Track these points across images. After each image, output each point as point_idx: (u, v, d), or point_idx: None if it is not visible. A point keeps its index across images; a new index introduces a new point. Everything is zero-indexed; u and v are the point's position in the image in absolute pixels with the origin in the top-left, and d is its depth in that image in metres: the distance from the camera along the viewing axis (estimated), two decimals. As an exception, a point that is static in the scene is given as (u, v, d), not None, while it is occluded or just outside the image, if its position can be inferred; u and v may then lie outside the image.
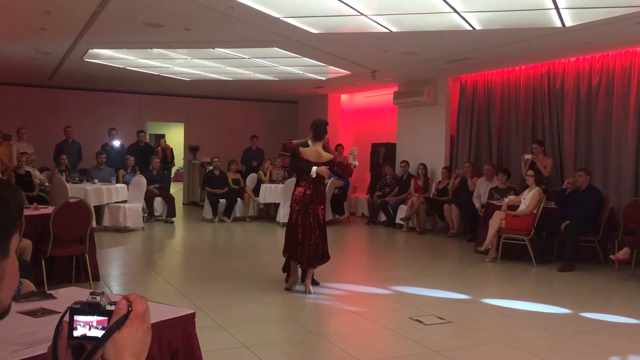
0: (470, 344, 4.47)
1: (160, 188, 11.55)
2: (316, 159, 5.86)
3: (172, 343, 2.12)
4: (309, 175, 5.80)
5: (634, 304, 5.87)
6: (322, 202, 5.90)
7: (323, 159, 5.89)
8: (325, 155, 5.95)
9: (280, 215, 11.13)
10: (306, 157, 5.86)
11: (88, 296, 1.05)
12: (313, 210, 5.79)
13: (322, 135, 5.95)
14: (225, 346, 4.23)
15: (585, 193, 7.72)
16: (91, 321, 1.01)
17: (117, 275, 6.92)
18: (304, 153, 5.89)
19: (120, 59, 10.37)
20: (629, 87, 8.23)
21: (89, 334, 1.01)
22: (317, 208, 5.82)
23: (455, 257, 8.78)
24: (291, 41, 8.23)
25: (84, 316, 1.01)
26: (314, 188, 5.85)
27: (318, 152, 5.90)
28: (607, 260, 7.45)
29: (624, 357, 4.23)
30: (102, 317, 1.01)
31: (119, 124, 13.53)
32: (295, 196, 5.90)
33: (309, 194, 5.82)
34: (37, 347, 1.86)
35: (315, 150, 5.91)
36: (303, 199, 5.82)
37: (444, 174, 10.75)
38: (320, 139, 5.94)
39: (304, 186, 5.88)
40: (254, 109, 16.11)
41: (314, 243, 5.77)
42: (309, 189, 5.84)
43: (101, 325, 1.00)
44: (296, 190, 5.94)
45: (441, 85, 11.26)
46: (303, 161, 5.86)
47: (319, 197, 5.86)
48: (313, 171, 5.76)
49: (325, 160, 5.89)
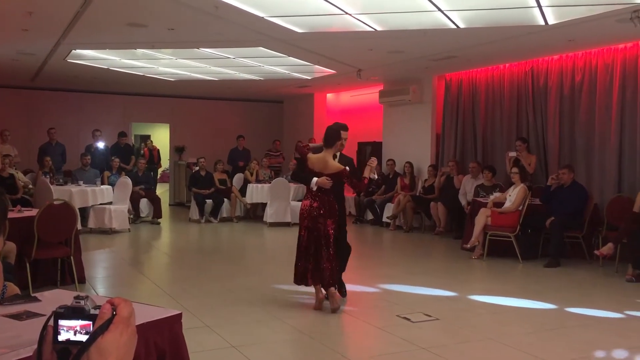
0: (458, 341, 4.49)
1: (146, 189, 11.49)
2: (321, 169, 5.20)
3: (159, 344, 2.11)
4: (310, 187, 5.23)
5: (618, 298, 5.93)
6: (332, 216, 5.19)
7: (330, 169, 5.18)
8: (334, 165, 5.21)
9: (267, 215, 11.11)
10: (311, 167, 5.26)
11: (72, 300, 1.04)
12: (322, 225, 5.12)
13: (333, 142, 5.22)
14: (213, 347, 4.21)
15: (570, 189, 7.79)
16: (75, 326, 1.00)
17: (103, 278, 6.87)
18: (310, 161, 5.28)
19: (104, 59, 10.29)
20: (611, 84, 8.32)
21: (73, 339, 1.00)
22: (326, 222, 5.13)
23: (442, 254, 8.82)
24: (276, 40, 8.22)
25: (68, 321, 1.00)
26: (320, 200, 5.17)
27: (325, 161, 5.21)
28: (592, 255, 7.53)
29: (609, 352, 4.28)
30: (86, 321, 1.00)
31: (103, 125, 13.43)
32: (302, 210, 5.32)
33: (316, 207, 5.16)
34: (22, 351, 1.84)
35: (323, 158, 5.23)
36: (310, 213, 5.19)
37: (430, 172, 10.80)
38: (330, 146, 5.23)
39: (309, 198, 5.26)
40: (239, 109, 16.07)
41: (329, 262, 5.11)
42: (315, 201, 5.19)
43: (85, 329, 0.99)
44: (303, 202, 5.37)
45: (426, 84, 11.30)
46: (308, 170, 5.27)
47: (327, 210, 5.16)
48: (313, 183, 5.16)
49: (332, 172, 5.16)
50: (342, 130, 5.24)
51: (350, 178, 5.22)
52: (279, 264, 7.84)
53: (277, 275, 6.84)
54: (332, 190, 5.19)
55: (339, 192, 5.42)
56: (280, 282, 6.39)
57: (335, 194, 5.28)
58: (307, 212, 5.21)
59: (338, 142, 5.22)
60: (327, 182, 5.13)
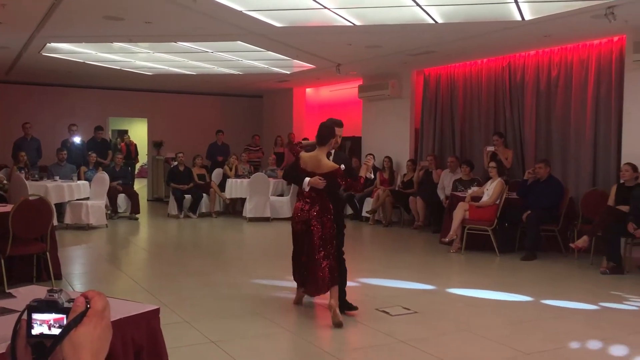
0: (436, 333, 4.54)
1: (124, 184, 11.38)
2: (314, 169, 4.86)
3: (136, 339, 2.10)
4: (302, 187, 4.91)
5: (593, 290, 6.04)
6: (326, 213, 4.84)
7: (323, 169, 4.83)
8: (327, 164, 4.86)
9: (246, 210, 11.09)
10: (304, 166, 4.93)
11: (46, 294, 1.03)
12: (315, 227, 4.79)
13: (327, 140, 4.87)
14: (192, 342, 4.20)
15: (546, 183, 7.90)
16: (49, 319, 0.99)
17: (80, 274, 6.79)
18: (302, 160, 4.96)
19: (80, 53, 10.14)
20: (586, 79, 8.43)
21: (47, 333, 0.99)
22: (319, 223, 4.81)
23: (421, 248, 8.89)
24: (255, 35, 8.18)
25: (42, 314, 1.00)
26: (312, 201, 4.86)
27: (318, 160, 4.87)
28: (567, 248, 7.65)
29: (584, 343, 4.36)
30: (60, 314, 0.99)
31: (80, 120, 13.25)
32: (294, 212, 5.03)
33: (307, 209, 4.86)
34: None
35: (316, 157, 4.89)
36: (301, 216, 4.89)
37: (409, 167, 10.86)
38: (324, 144, 4.89)
39: (301, 200, 4.95)
40: (218, 104, 15.98)
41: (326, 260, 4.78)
42: (306, 203, 4.88)
43: (58, 323, 0.98)
44: (295, 205, 5.08)
45: (405, 79, 11.35)
46: (300, 169, 4.96)
47: (319, 211, 4.83)
48: (305, 183, 4.84)
49: (325, 171, 4.82)
50: (336, 127, 4.95)
51: (345, 178, 4.86)
52: (258, 259, 7.85)
53: (256, 270, 6.84)
54: (324, 190, 4.86)
55: (335, 193, 5.07)
56: (260, 277, 6.39)
57: (331, 195, 4.94)
58: (299, 216, 4.92)
59: (332, 140, 4.91)
60: (320, 182, 4.79)
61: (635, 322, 4.94)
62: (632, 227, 6.57)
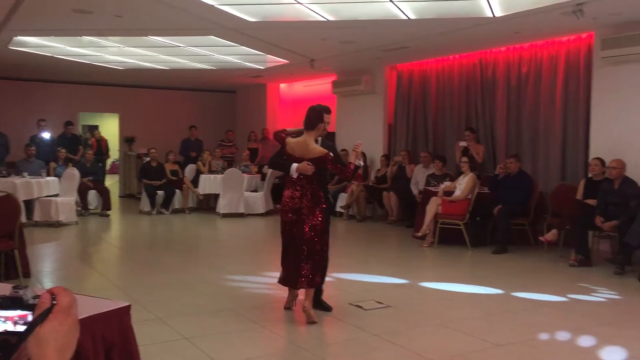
0: (409, 327, 4.58)
1: (95, 181, 11.22)
2: (302, 154, 4.67)
3: (107, 337, 2.07)
4: (289, 174, 4.73)
5: (561, 283, 6.16)
6: (317, 205, 4.67)
7: (311, 154, 4.66)
8: (316, 149, 4.69)
9: (220, 206, 11.02)
10: (290, 152, 4.73)
11: (11, 290, 1.01)
12: (307, 217, 4.62)
13: (315, 124, 4.71)
14: (165, 339, 4.17)
15: (516, 178, 8.02)
16: (13, 316, 0.97)
17: (50, 272, 6.68)
18: (289, 146, 4.76)
19: (48, 47, 9.95)
20: (555, 75, 8.57)
21: (11, 329, 0.97)
22: (310, 213, 4.63)
23: (394, 243, 8.95)
24: (227, 29, 8.12)
25: (6, 311, 0.98)
26: (302, 189, 4.68)
27: (306, 145, 4.69)
28: (537, 241, 7.78)
29: (553, 334, 4.44)
30: (24, 311, 0.97)
31: (49, 115, 12.99)
32: (283, 202, 4.78)
33: (298, 197, 4.67)
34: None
35: (304, 142, 4.72)
36: (292, 204, 4.69)
37: (382, 162, 10.91)
38: (312, 128, 4.72)
39: (291, 188, 4.74)
40: (191, 99, 15.83)
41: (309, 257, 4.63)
42: (296, 190, 4.69)
43: (23, 320, 0.97)
44: (284, 193, 4.83)
45: (378, 75, 11.39)
46: (287, 156, 4.77)
47: (310, 199, 4.66)
48: (292, 170, 4.65)
49: (314, 156, 4.64)
50: (324, 113, 4.77)
51: (335, 164, 4.69)
52: (232, 255, 7.81)
53: (230, 266, 6.81)
54: (314, 177, 4.69)
55: (322, 182, 4.92)
56: (233, 273, 6.36)
57: (319, 183, 4.77)
58: (289, 205, 4.70)
59: (321, 125, 4.73)
60: (308, 168, 4.61)
61: (603, 313, 5.06)
62: (600, 220, 6.71)
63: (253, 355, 3.93)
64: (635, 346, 4.12)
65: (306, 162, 4.63)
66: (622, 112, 7.56)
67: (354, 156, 4.81)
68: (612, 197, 6.78)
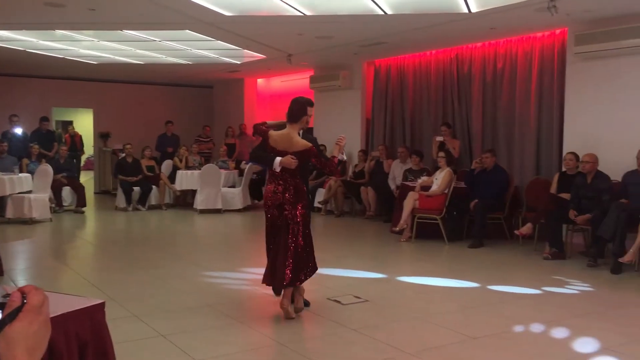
0: (387, 321, 4.60)
1: (69, 177, 11.05)
2: (286, 147, 4.58)
3: (81, 334, 2.04)
4: (272, 168, 4.62)
5: (536, 276, 6.25)
6: (301, 200, 4.60)
7: (295, 147, 4.58)
8: (300, 142, 4.62)
9: (197, 202, 10.95)
10: (274, 145, 4.63)
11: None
12: (290, 212, 4.55)
13: (299, 117, 4.64)
14: (141, 336, 4.13)
15: (492, 173, 8.11)
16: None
17: (24, 269, 6.57)
18: (272, 139, 4.64)
19: (20, 40, 9.76)
20: (530, 71, 8.67)
21: None
22: (293, 208, 4.56)
23: (372, 238, 8.98)
24: (203, 24, 8.05)
25: None
26: (286, 183, 4.61)
27: (290, 138, 4.61)
28: (512, 235, 7.87)
29: (527, 326, 4.50)
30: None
31: (21, 110, 12.75)
32: (265, 196, 4.71)
33: (281, 191, 4.59)
34: None
35: (288, 135, 4.63)
36: (274, 199, 4.61)
37: (360, 157, 10.94)
38: (296, 121, 4.65)
39: (272, 182, 4.66)
40: (168, 94, 15.68)
41: (294, 253, 4.54)
42: (279, 184, 4.61)
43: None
44: (266, 187, 4.79)
45: (356, 70, 11.41)
46: (269, 149, 4.65)
47: (294, 194, 4.59)
48: (276, 163, 4.56)
49: (298, 150, 4.57)
50: (308, 105, 4.70)
51: (319, 157, 4.66)
52: (209, 252, 7.77)
53: (207, 262, 6.77)
54: (298, 171, 4.61)
55: (305, 176, 4.90)
56: (211, 270, 6.33)
57: (302, 177, 4.71)
58: (271, 199, 4.62)
59: (304, 117, 4.66)
60: (292, 162, 4.52)
61: (576, 305, 5.14)
62: (573, 214, 6.82)
63: (231, 352, 3.91)
64: (608, 337, 4.20)
65: (290, 155, 4.54)
66: (595, 107, 7.69)
67: (337, 150, 4.74)
68: (585, 191, 6.89)
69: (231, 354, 3.88)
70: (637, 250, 6.18)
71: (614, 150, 7.31)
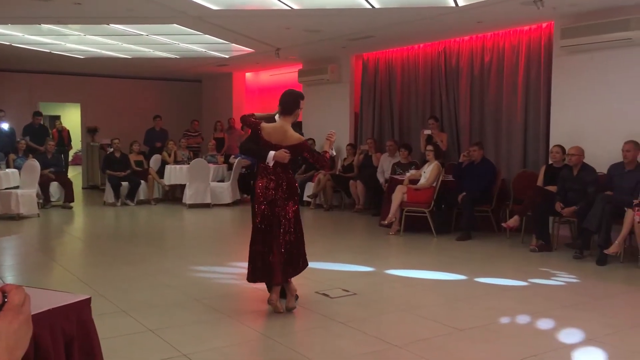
0: (374, 314, 4.64)
1: (56, 172, 10.99)
2: (279, 141, 4.47)
3: (67, 331, 2.05)
4: (266, 162, 4.49)
5: (523, 268, 6.31)
6: (292, 196, 4.52)
7: (289, 140, 4.49)
8: (294, 135, 4.55)
9: (186, 196, 10.93)
10: (267, 138, 4.50)
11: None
12: (282, 209, 4.46)
13: (293, 109, 4.55)
14: (130, 331, 4.13)
15: (480, 166, 8.15)
16: None
17: (11, 265, 6.54)
18: (265, 131, 4.51)
19: (5, 35, 9.67)
20: (517, 64, 8.71)
21: None
22: (285, 204, 4.48)
23: (361, 231, 9.01)
24: (190, 18, 8.01)
25: None
26: (277, 178, 4.48)
27: (284, 131, 4.51)
28: (500, 228, 7.93)
29: (513, 317, 4.55)
30: None
31: (7, 105, 12.67)
32: (257, 193, 4.53)
33: (273, 187, 4.47)
34: None
35: (281, 128, 4.52)
36: (266, 195, 4.47)
37: (349, 151, 10.96)
38: (289, 113, 4.55)
39: (264, 177, 4.50)
40: (156, 88, 15.60)
41: (285, 250, 4.49)
42: (271, 180, 4.48)
43: None
44: (257, 183, 4.57)
45: (344, 63, 11.41)
46: (262, 142, 4.52)
47: (286, 190, 4.49)
48: (269, 157, 4.43)
49: (291, 144, 4.49)
50: (300, 99, 4.62)
51: (312, 152, 4.58)
52: (198, 246, 7.77)
53: (196, 257, 6.77)
54: (289, 166, 4.50)
55: (295, 170, 4.85)
56: (200, 264, 6.34)
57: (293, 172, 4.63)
58: (262, 195, 4.48)
59: (297, 110, 4.57)
60: (286, 156, 4.42)
61: (562, 297, 5.20)
62: (560, 206, 6.88)
63: (219, 345, 3.93)
64: (593, 328, 4.26)
65: (283, 149, 4.45)
66: (581, 99, 7.75)
67: (328, 145, 4.70)
68: (571, 184, 6.96)
69: (220, 347, 3.89)
70: (622, 242, 6.25)
71: (599, 142, 7.38)
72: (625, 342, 4.04)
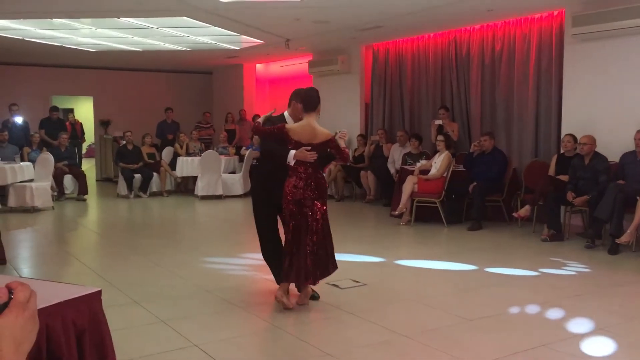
0: (383, 304, 4.66)
1: (70, 165, 11.10)
2: (310, 139, 4.35)
3: (78, 323, 2.09)
4: (287, 162, 4.38)
5: (534, 257, 6.29)
6: (321, 196, 4.43)
7: (319, 137, 4.38)
8: (323, 132, 4.41)
9: (198, 188, 11.00)
10: (297, 138, 4.35)
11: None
12: (310, 208, 4.37)
13: (316, 104, 4.45)
14: (142, 322, 4.19)
15: (491, 155, 8.12)
16: None
17: (26, 258, 6.64)
18: (294, 131, 4.36)
19: (17, 29, 9.75)
20: (528, 53, 8.64)
21: None
22: (314, 204, 4.38)
23: (372, 222, 9.03)
24: (200, 10, 8.03)
25: None
26: (307, 177, 4.38)
27: (312, 129, 4.38)
28: (511, 217, 7.91)
29: (523, 307, 4.56)
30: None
31: (21, 99, 12.78)
32: (286, 191, 4.40)
33: (302, 187, 4.36)
34: None
35: (309, 126, 4.38)
36: (294, 194, 4.37)
37: (360, 142, 10.95)
38: (313, 109, 4.43)
39: (294, 175, 4.40)
40: (167, 81, 15.67)
41: (312, 251, 4.38)
42: (301, 179, 4.37)
43: None
44: (286, 182, 4.43)
45: (354, 54, 11.38)
46: (292, 143, 4.36)
47: (314, 188, 4.39)
48: (290, 157, 4.33)
49: (321, 140, 4.38)
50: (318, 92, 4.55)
51: (338, 147, 4.43)
52: (210, 238, 7.84)
53: (208, 248, 6.84)
54: (318, 164, 4.41)
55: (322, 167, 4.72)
56: (212, 255, 6.39)
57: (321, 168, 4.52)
58: (291, 194, 4.37)
59: (319, 106, 4.47)
60: (308, 155, 4.30)
61: (572, 286, 5.19)
62: (571, 195, 6.85)
63: (230, 336, 3.98)
64: (603, 317, 4.25)
65: (304, 147, 4.33)
66: (592, 88, 7.67)
67: (342, 143, 4.58)
68: (582, 173, 6.92)
69: (230, 338, 3.94)
70: (634, 231, 6.22)
71: (611, 131, 7.31)
72: (637, 331, 4.03)
